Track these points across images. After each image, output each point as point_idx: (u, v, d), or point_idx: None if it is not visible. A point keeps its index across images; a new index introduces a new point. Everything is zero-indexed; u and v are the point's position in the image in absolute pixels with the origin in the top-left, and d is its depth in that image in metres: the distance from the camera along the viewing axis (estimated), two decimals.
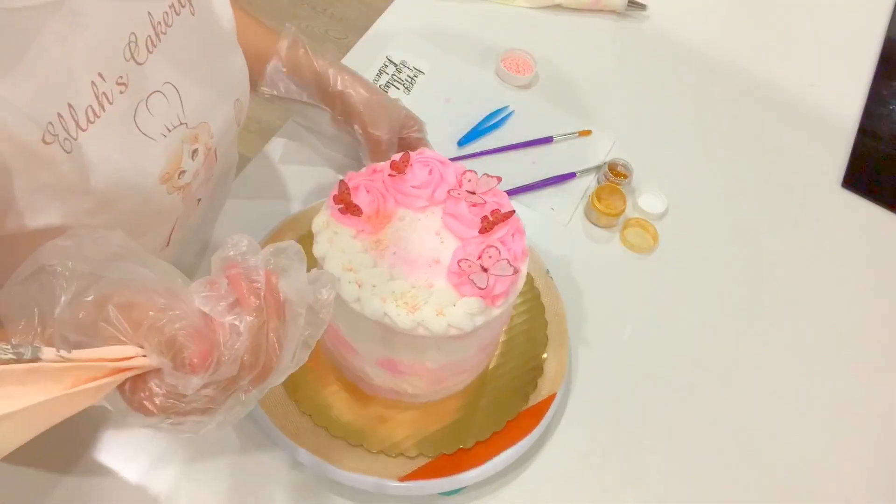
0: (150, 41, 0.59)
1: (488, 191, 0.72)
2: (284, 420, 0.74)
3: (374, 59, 1.10)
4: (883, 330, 0.95)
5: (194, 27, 0.64)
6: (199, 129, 0.66)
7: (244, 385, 0.48)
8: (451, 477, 0.73)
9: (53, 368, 0.41)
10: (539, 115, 1.08)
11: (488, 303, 0.66)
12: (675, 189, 1.02)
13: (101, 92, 0.55)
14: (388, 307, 0.64)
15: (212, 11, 0.67)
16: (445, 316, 0.64)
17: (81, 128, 0.53)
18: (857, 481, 0.83)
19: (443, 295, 0.65)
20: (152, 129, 0.60)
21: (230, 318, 0.46)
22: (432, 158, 0.73)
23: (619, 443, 0.82)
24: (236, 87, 0.72)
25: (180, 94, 0.63)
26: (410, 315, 0.64)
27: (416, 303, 0.65)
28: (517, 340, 0.83)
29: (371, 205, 0.69)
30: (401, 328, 0.64)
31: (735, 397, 0.87)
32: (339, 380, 0.78)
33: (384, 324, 0.64)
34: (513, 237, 0.70)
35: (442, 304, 0.65)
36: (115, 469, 0.73)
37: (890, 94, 1.20)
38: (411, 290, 0.65)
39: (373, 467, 0.73)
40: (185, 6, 0.63)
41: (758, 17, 1.30)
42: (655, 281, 0.95)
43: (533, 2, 1.21)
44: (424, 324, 0.64)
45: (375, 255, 0.67)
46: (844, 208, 1.06)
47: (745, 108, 1.15)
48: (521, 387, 0.79)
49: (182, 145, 0.64)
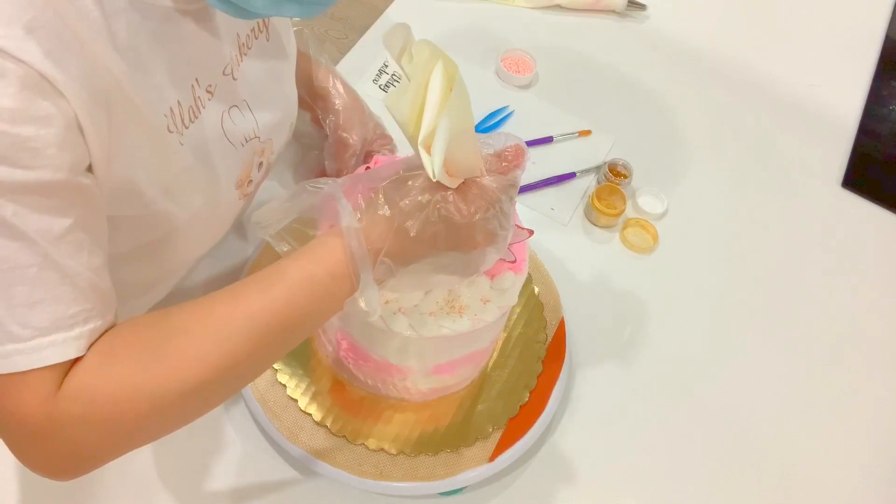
0: (236, 59, 0.64)
1: None
2: (285, 420, 0.74)
3: (374, 59, 1.10)
4: (883, 330, 0.95)
5: (268, 51, 0.69)
6: (266, 145, 0.71)
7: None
8: (450, 477, 0.73)
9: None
10: (539, 115, 1.08)
11: (516, 271, 0.68)
12: (675, 189, 1.02)
13: (197, 96, 0.59)
14: (441, 321, 0.65)
15: (280, 39, 0.71)
16: (491, 300, 0.66)
17: (185, 126, 0.58)
18: (858, 481, 0.83)
19: (475, 283, 0.67)
20: (235, 137, 0.65)
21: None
22: (391, 159, 0.73)
23: (619, 443, 0.82)
24: (293, 112, 0.77)
25: (254, 111, 0.67)
26: (463, 315, 0.65)
27: (460, 303, 0.66)
28: (517, 340, 0.83)
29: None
30: (461, 332, 0.65)
31: (735, 397, 0.87)
32: (339, 380, 0.78)
33: (442, 336, 0.65)
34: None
35: (481, 291, 0.67)
36: (115, 469, 0.73)
37: (890, 94, 1.20)
38: (449, 294, 0.66)
39: (374, 467, 0.73)
40: (262, 31, 0.68)
41: (757, 16, 1.30)
42: (655, 281, 0.95)
43: (533, 2, 1.21)
44: (479, 316, 0.66)
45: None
46: (844, 208, 1.06)
47: (745, 108, 1.15)
48: (521, 386, 0.79)
49: (253, 157, 0.68)
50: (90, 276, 0.49)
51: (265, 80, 0.69)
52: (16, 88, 0.43)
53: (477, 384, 0.80)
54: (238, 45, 0.64)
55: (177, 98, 0.57)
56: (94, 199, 0.51)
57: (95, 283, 0.50)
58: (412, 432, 0.75)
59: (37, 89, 0.44)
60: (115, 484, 0.72)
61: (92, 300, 0.49)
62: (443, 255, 0.55)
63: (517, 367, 0.81)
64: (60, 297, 0.48)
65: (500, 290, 0.67)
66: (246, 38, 0.66)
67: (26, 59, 0.44)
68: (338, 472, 0.72)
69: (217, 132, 0.62)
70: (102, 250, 0.52)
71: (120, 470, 0.73)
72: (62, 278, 0.47)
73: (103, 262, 0.51)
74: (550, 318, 0.84)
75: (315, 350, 0.79)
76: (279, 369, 0.77)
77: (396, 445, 0.74)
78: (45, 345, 0.47)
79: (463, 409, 0.78)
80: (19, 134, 0.44)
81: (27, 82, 0.44)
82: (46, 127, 0.45)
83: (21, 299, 0.46)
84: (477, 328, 0.66)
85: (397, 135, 0.86)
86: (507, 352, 0.82)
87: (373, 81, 1.07)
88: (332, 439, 0.74)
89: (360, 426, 0.75)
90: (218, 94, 0.62)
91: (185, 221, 0.62)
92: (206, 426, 0.76)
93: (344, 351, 0.73)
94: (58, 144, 0.46)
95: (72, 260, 0.48)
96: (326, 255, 0.54)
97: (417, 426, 0.76)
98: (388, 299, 0.65)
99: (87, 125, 0.48)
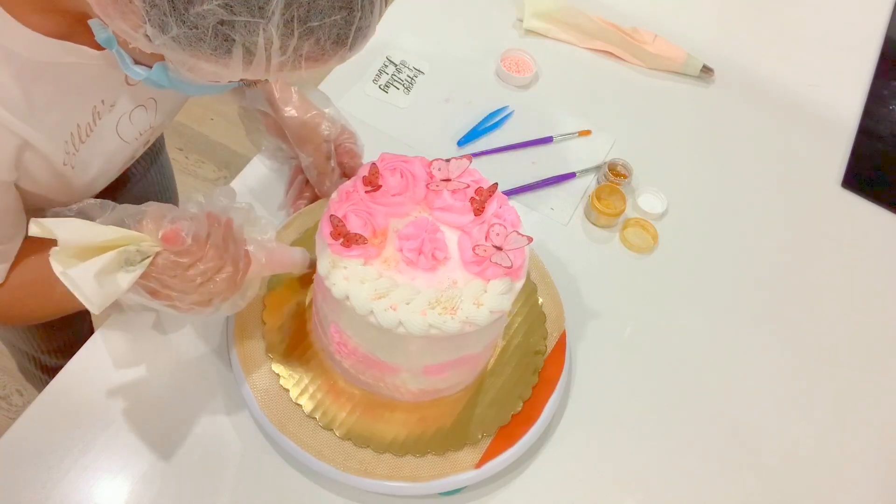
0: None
1: (462, 173, 0.72)
2: (287, 421, 0.74)
3: (374, 59, 1.10)
4: (883, 329, 0.95)
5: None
6: (160, 128, 0.79)
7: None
8: (451, 477, 0.73)
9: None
10: (539, 115, 1.08)
11: (514, 277, 0.67)
12: (675, 189, 1.02)
13: (97, 112, 0.66)
14: (431, 319, 0.64)
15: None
16: (484, 305, 0.65)
17: (82, 141, 0.66)
18: (857, 480, 0.83)
19: (471, 286, 0.66)
20: (129, 135, 0.72)
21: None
22: (395, 160, 0.72)
23: (619, 443, 0.82)
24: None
25: (159, 104, 0.74)
26: (454, 317, 0.65)
27: (453, 303, 0.65)
28: (517, 340, 0.83)
29: (365, 227, 0.68)
30: (450, 333, 0.64)
31: (734, 397, 0.87)
32: (333, 375, 0.78)
33: (431, 335, 0.65)
34: (502, 208, 0.70)
35: (475, 294, 0.66)
36: (116, 470, 0.73)
37: (890, 94, 1.20)
38: (442, 293, 0.66)
39: (360, 463, 0.73)
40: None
41: (758, 17, 1.30)
42: (655, 281, 0.95)
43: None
44: (470, 319, 0.65)
45: (392, 274, 0.67)
46: (844, 208, 1.06)
47: (744, 108, 1.15)
48: (521, 386, 0.79)
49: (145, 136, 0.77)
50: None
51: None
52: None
53: (472, 389, 0.79)
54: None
55: (77, 122, 0.64)
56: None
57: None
58: (400, 432, 0.75)
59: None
60: (115, 485, 0.72)
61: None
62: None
63: (517, 368, 0.81)
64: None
65: (495, 295, 0.66)
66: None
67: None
68: (340, 475, 0.72)
69: (111, 136, 0.70)
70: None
71: (119, 471, 0.73)
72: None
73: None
74: (550, 318, 0.84)
75: (320, 355, 0.79)
76: (274, 361, 0.77)
77: (383, 444, 0.74)
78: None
79: (454, 414, 0.77)
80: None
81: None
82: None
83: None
84: (467, 331, 0.65)
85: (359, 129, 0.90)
86: (506, 360, 0.82)
87: (373, 81, 1.07)
88: (339, 442, 0.74)
89: (351, 422, 0.75)
90: (119, 104, 0.68)
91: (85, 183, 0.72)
92: (206, 426, 0.76)
93: (336, 345, 0.74)
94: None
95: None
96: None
97: (406, 427, 0.76)
98: (379, 294, 0.65)
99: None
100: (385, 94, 1.07)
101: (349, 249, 0.66)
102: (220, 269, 0.62)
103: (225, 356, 0.79)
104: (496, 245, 0.67)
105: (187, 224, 0.61)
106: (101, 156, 0.70)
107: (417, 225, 0.69)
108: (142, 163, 0.99)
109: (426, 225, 0.69)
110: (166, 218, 0.60)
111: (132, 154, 0.76)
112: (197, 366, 0.79)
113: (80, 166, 0.68)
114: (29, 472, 0.71)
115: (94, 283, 0.56)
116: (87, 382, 0.77)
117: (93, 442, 0.73)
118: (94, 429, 0.74)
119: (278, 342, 0.78)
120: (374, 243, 0.68)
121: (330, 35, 0.49)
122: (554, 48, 1.17)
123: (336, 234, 0.67)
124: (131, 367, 0.78)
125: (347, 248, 0.66)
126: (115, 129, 0.70)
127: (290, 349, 0.78)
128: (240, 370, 0.76)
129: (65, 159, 0.65)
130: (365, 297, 0.65)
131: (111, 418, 0.75)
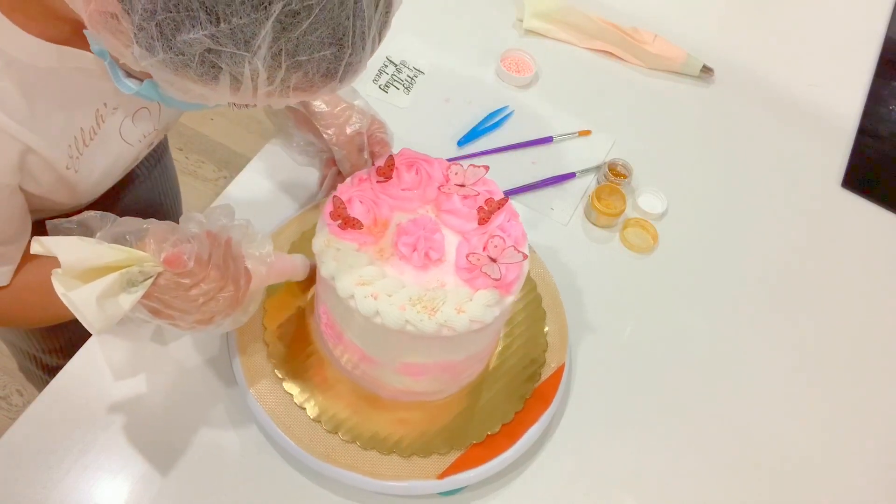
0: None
1: (477, 181, 0.72)
2: (290, 423, 0.74)
3: (375, 59, 1.09)
4: (883, 329, 0.95)
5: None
6: (164, 130, 0.79)
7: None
8: (450, 477, 0.73)
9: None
10: (539, 115, 1.08)
11: (503, 291, 0.66)
12: (675, 189, 1.02)
13: (100, 115, 0.67)
14: (408, 315, 0.64)
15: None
16: (466, 312, 0.65)
17: (86, 144, 0.67)
18: (858, 480, 0.83)
19: (458, 292, 0.66)
20: (132, 137, 0.72)
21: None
22: (416, 158, 0.73)
23: (619, 443, 0.82)
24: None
25: (162, 106, 0.73)
26: (432, 318, 0.64)
27: (435, 305, 0.65)
28: (517, 340, 0.83)
29: (367, 215, 0.69)
30: (425, 332, 0.64)
31: (734, 397, 0.87)
32: (340, 380, 0.78)
33: (406, 331, 0.64)
34: (510, 222, 0.70)
35: (459, 300, 0.65)
36: (116, 470, 0.73)
37: (890, 94, 1.20)
38: (426, 292, 0.66)
39: (325, 447, 0.73)
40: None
41: (758, 17, 1.30)
42: (655, 281, 0.95)
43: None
44: (448, 324, 0.64)
45: (382, 265, 0.67)
46: (844, 208, 1.06)
47: (744, 108, 1.15)
48: (521, 386, 0.79)
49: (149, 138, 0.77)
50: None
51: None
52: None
53: (478, 384, 0.79)
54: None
55: (80, 126, 0.65)
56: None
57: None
58: (375, 426, 0.75)
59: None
60: (115, 485, 0.72)
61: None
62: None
63: (517, 368, 0.81)
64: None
65: (479, 304, 0.66)
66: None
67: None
68: (340, 473, 0.72)
69: (114, 139, 0.70)
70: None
71: (119, 472, 0.73)
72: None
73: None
74: (550, 318, 0.84)
75: (323, 357, 0.79)
76: (276, 367, 0.77)
77: (351, 434, 0.74)
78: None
79: (464, 409, 0.77)
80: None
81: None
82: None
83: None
84: (444, 334, 0.65)
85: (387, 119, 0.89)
86: (508, 352, 0.82)
87: (373, 81, 1.07)
88: (344, 445, 0.74)
89: (364, 430, 0.75)
90: (122, 107, 0.69)
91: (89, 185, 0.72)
92: (206, 426, 0.76)
93: (324, 326, 0.74)
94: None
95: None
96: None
97: (386, 424, 0.75)
98: (364, 282, 0.65)
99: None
100: (385, 94, 1.07)
101: (344, 232, 0.67)
102: (222, 288, 0.62)
103: (226, 358, 0.79)
104: (491, 256, 0.67)
105: (189, 247, 0.61)
106: (104, 158, 0.71)
107: (418, 222, 0.69)
108: (146, 164, 1.00)
109: (427, 224, 0.69)
110: (168, 241, 0.61)
111: (136, 156, 0.76)
112: (197, 367, 0.79)
113: (83, 169, 0.68)
114: (29, 472, 0.71)
115: (95, 307, 0.55)
116: (88, 382, 0.77)
117: (93, 442, 0.73)
118: (94, 429, 0.74)
119: (279, 345, 0.78)
120: (373, 232, 0.69)
121: (319, 69, 0.49)
122: (554, 48, 1.17)
123: (335, 214, 0.68)
124: (131, 373, 0.78)
125: (343, 231, 0.67)
126: (118, 132, 0.71)
127: (291, 353, 0.78)
128: (241, 372, 0.76)
129: (68, 163, 0.66)
130: (349, 281, 0.65)
131: (111, 418, 0.75)
